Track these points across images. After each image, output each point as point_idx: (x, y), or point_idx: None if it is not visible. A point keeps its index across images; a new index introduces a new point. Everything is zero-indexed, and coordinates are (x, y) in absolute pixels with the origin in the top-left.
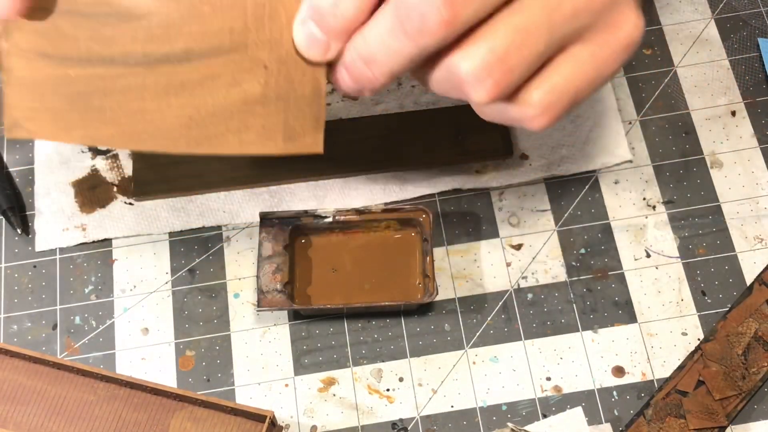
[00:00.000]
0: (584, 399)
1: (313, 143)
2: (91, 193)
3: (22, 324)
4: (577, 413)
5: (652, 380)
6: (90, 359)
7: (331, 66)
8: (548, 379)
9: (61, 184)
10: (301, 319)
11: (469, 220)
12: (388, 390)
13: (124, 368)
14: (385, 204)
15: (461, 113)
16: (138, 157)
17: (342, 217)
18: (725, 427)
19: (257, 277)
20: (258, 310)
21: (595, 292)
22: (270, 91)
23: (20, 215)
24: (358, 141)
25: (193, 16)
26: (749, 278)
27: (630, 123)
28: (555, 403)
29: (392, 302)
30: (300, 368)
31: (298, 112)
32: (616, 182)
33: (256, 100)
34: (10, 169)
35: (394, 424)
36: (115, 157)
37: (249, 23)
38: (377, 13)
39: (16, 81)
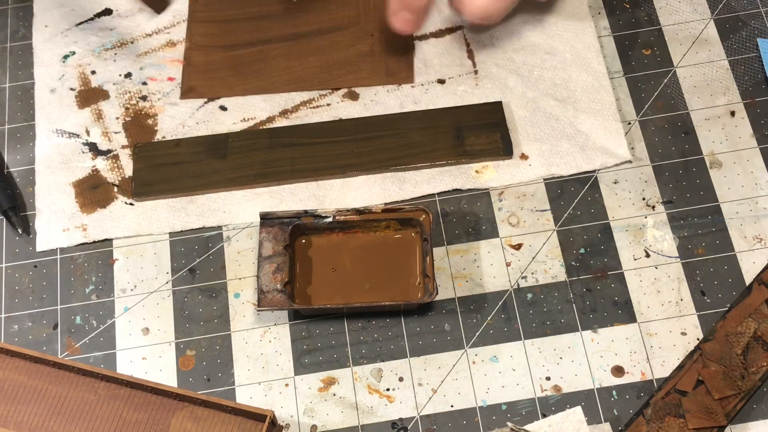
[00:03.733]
0: (584, 398)
1: (407, 77)
2: (92, 193)
3: (23, 324)
4: (576, 413)
5: (652, 380)
6: (91, 359)
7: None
8: (548, 378)
9: (61, 184)
10: (301, 318)
11: (469, 220)
12: (388, 390)
13: (124, 368)
14: (385, 204)
15: (461, 113)
16: (138, 158)
17: (342, 217)
18: (724, 427)
19: (257, 277)
20: (258, 310)
21: (595, 291)
22: (375, 48)
23: (21, 215)
24: (359, 141)
25: (324, 10)
26: (748, 278)
27: (629, 123)
28: (554, 403)
29: (392, 302)
30: (300, 368)
31: (395, 59)
32: (616, 182)
33: (366, 54)
34: (11, 169)
35: (394, 423)
36: (116, 157)
37: (360, 11)
38: None
39: (194, 65)
